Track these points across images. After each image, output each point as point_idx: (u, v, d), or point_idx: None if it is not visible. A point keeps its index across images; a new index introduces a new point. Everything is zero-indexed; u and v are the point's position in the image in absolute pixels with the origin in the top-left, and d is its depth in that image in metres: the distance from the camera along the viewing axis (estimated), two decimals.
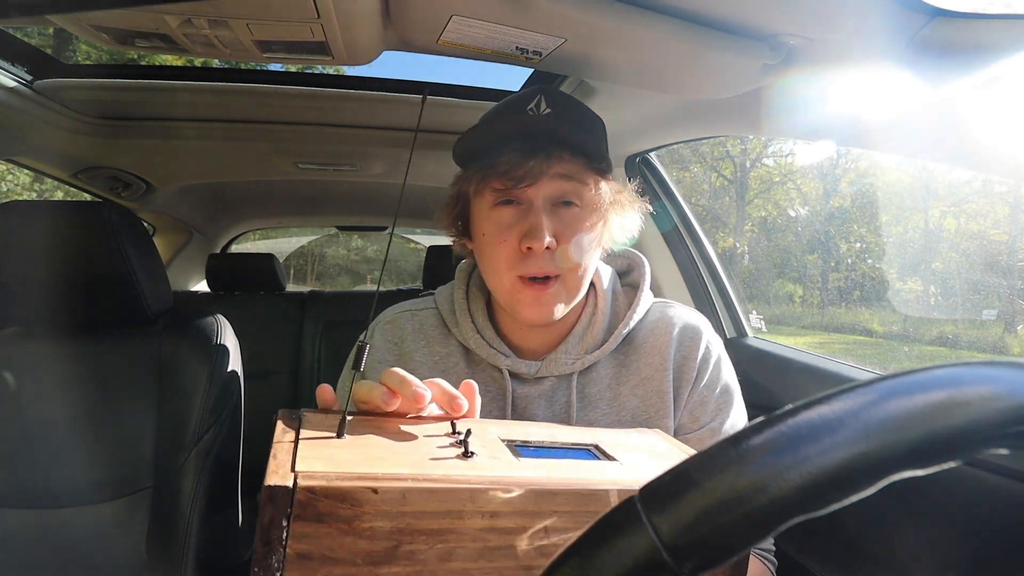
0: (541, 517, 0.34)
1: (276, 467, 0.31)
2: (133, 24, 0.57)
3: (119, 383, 0.90)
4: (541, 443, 0.43)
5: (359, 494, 0.30)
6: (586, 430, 0.49)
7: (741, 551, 0.20)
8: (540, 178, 0.61)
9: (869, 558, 0.79)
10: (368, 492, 0.30)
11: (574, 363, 0.67)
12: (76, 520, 0.85)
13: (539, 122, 0.62)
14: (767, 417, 0.22)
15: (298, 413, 0.40)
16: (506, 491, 0.33)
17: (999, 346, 2.04)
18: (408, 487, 0.31)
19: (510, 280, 0.63)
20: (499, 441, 0.41)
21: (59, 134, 1.19)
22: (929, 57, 0.56)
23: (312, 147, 1.40)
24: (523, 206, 0.63)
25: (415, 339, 0.71)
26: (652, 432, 0.52)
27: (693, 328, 0.69)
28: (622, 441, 0.46)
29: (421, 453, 0.36)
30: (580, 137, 0.62)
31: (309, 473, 0.30)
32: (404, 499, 0.31)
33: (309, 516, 0.30)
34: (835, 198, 4.89)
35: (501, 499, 0.33)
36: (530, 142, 0.61)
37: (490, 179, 0.63)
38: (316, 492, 0.30)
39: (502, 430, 0.44)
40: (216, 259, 2.07)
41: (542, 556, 0.34)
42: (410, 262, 7.51)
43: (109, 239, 0.86)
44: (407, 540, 0.31)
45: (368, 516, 0.30)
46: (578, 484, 0.35)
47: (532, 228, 0.61)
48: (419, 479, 0.32)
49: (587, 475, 0.37)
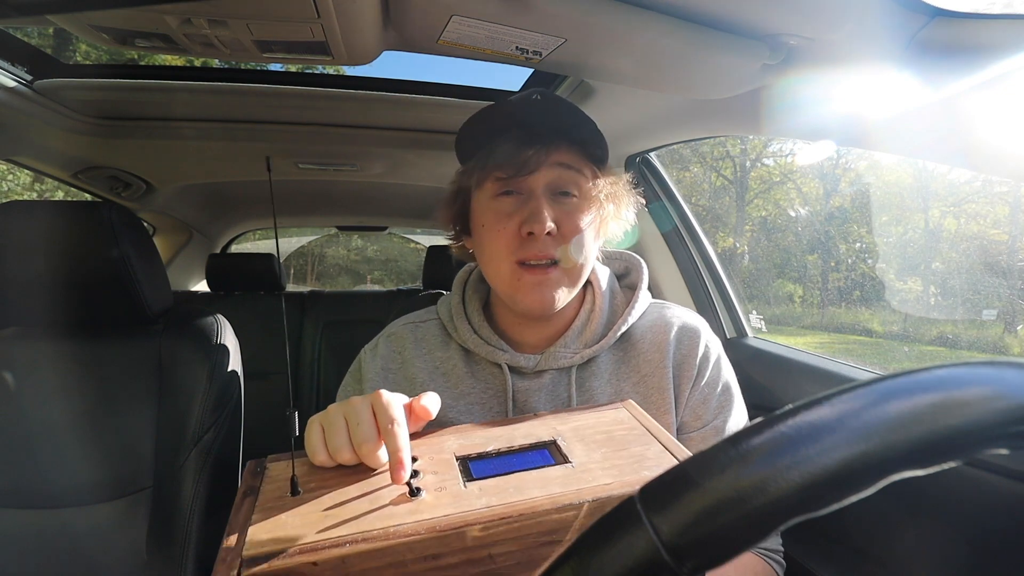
0: (482, 548, 0.36)
1: (224, 554, 0.34)
2: (133, 24, 0.57)
3: (119, 383, 0.90)
4: (498, 451, 0.44)
5: (302, 568, 0.33)
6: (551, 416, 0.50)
7: (741, 551, 0.20)
8: (540, 166, 0.62)
9: (869, 558, 0.79)
10: (309, 566, 0.33)
11: (573, 356, 0.68)
12: (76, 520, 0.85)
13: (536, 113, 0.64)
14: (767, 417, 0.22)
15: (263, 464, 0.43)
16: (442, 536, 0.35)
17: (999, 346, 2.05)
18: (347, 552, 0.33)
19: (509, 266, 0.64)
20: (452, 461, 0.43)
21: (59, 134, 1.19)
22: (929, 57, 0.56)
23: (312, 147, 1.40)
24: (523, 195, 0.64)
25: (416, 348, 0.72)
26: (622, 405, 0.53)
27: (692, 328, 0.70)
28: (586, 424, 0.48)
29: (370, 499, 0.38)
30: (576, 127, 0.63)
31: (253, 556, 0.33)
32: (344, 563, 0.33)
33: None
34: (835, 198, 4.89)
35: (439, 544, 0.35)
36: (528, 132, 0.62)
37: (490, 170, 0.64)
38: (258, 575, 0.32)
39: (459, 442, 0.46)
40: (216, 259, 2.07)
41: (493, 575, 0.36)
42: (410, 262, 7.51)
43: (109, 239, 0.86)
44: None
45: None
46: (516, 513, 0.36)
47: (533, 213, 0.62)
48: (357, 540, 0.34)
49: (529, 495, 0.38)
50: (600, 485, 0.39)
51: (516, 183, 0.63)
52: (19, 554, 0.82)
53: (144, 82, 1.09)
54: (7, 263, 0.85)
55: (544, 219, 0.61)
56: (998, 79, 0.54)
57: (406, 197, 1.98)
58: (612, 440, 0.46)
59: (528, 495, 0.38)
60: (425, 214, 2.33)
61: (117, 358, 0.92)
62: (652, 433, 0.47)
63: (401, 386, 0.69)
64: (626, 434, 0.47)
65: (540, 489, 0.39)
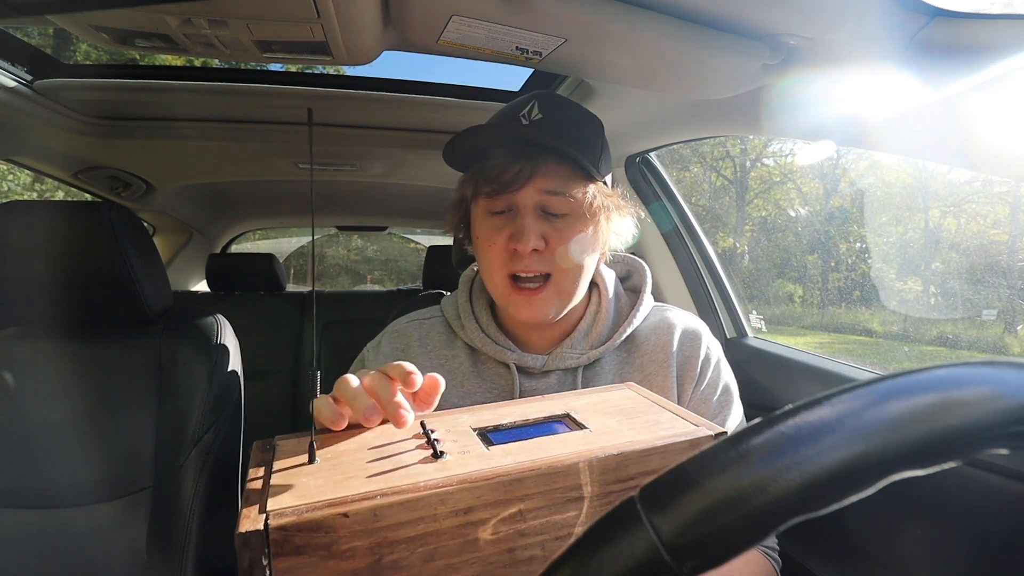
0: (513, 503, 0.35)
1: (247, 512, 0.32)
2: (133, 24, 0.57)
3: (119, 383, 0.90)
4: (513, 423, 0.44)
5: (331, 521, 0.31)
6: (558, 398, 0.51)
7: (741, 551, 0.20)
8: (526, 183, 0.63)
9: (869, 558, 0.79)
10: (340, 518, 0.31)
11: (579, 357, 0.69)
12: (76, 520, 0.85)
13: (527, 129, 0.64)
14: (767, 417, 0.22)
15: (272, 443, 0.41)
16: (474, 487, 0.34)
17: (999, 346, 2.05)
18: (378, 504, 0.32)
19: (501, 279, 0.65)
20: (470, 431, 0.42)
21: (59, 134, 1.19)
22: (929, 57, 0.56)
23: (312, 147, 1.40)
24: (511, 212, 0.65)
25: (421, 346, 0.73)
26: (624, 386, 0.53)
27: (693, 331, 0.72)
28: (594, 403, 0.48)
29: (392, 462, 0.37)
30: (565, 144, 0.62)
31: (279, 511, 0.31)
32: (376, 516, 0.32)
33: (287, 552, 0.31)
34: (835, 198, 4.89)
35: (471, 496, 0.34)
36: (517, 148, 0.63)
37: (480, 184, 0.65)
38: (289, 528, 0.31)
39: (473, 418, 0.45)
40: (216, 259, 2.07)
41: (522, 536, 0.35)
42: (410, 262, 7.52)
43: (109, 239, 0.86)
44: (388, 551, 0.32)
45: (345, 539, 0.32)
46: (544, 465, 0.36)
47: (518, 231, 0.63)
48: (388, 494, 0.33)
49: (554, 452, 0.38)
50: (624, 441, 0.40)
51: (505, 199, 0.64)
52: (19, 554, 0.82)
53: (144, 82, 1.09)
54: (7, 263, 0.85)
55: (528, 239, 0.61)
56: (998, 79, 0.54)
57: (406, 197, 1.98)
58: (624, 411, 0.46)
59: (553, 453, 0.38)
60: (425, 214, 2.33)
61: (117, 358, 0.92)
62: (660, 405, 0.48)
63: None
64: (636, 406, 0.48)
65: (563, 448, 0.39)
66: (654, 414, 0.45)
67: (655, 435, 0.41)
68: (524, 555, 0.36)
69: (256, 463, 0.38)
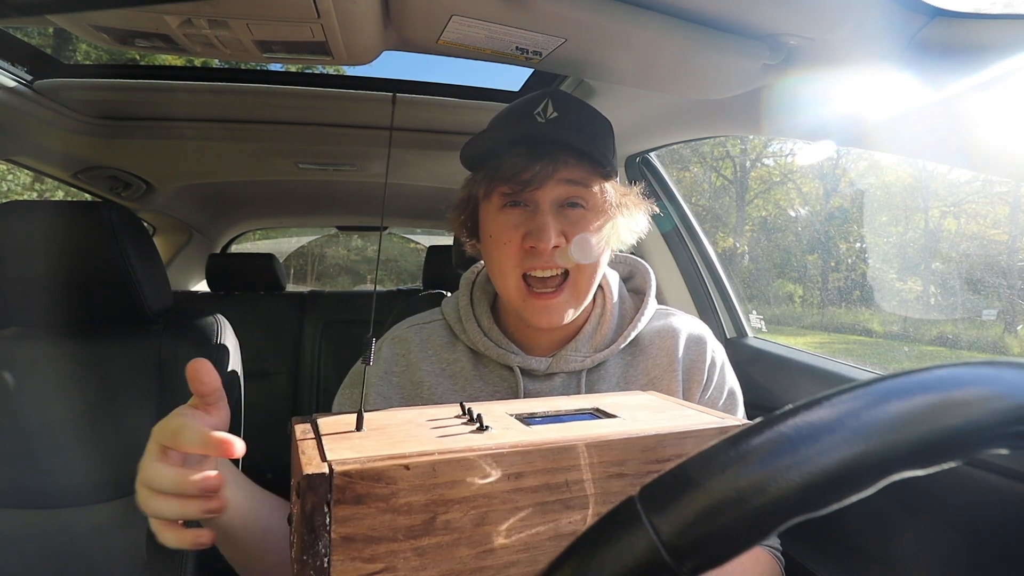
0: (560, 472, 0.36)
1: (308, 460, 0.32)
2: (133, 24, 0.57)
3: (119, 383, 0.90)
4: (546, 413, 0.46)
5: (393, 472, 0.32)
6: (583, 397, 0.52)
7: (741, 551, 0.20)
8: (546, 182, 0.62)
9: (869, 558, 0.79)
10: (401, 469, 0.32)
11: (584, 360, 0.68)
12: (76, 520, 0.85)
13: (545, 127, 0.63)
14: (767, 417, 0.22)
15: (310, 417, 0.42)
16: (526, 451, 0.35)
17: (999, 346, 2.05)
18: (437, 460, 0.33)
19: (516, 280, 0.64)
20: (508, 416, 0.44)
21: (59, 134, 1.19)
22: (929, 57, 0.56)
23: (312, 147, 1.40)
24: (530, 208, 0.64)
25: (422, 350, 0.72)
26: (646, 393, 0.55)
27: (698, 335, 0.72)
28: (620, 402, 0.50)
29: (440, 433, 0.38)
30: (585, 142, 0.62)
31: (341, 460, 0.32)
32: (434, 472, 0.33)
33: (348, 499, 0.31)
34: (835, 198, 4.89)
35: (522, 460, 0.35)
36: (536, 147, 0.62)
37: (497, 183, 0.64)
38: (352, 475, 0.31)
39: (507, 408, 0.47)
40: (216, 259, 2.07)
41: (567, 509, 0.36)
42: (410, 262, 7.51)
43: (109, 239, 0.86)
44: (442, 510, 0.33)
45: (403, 492, 0.32)
46: (592, 436, 0.38)
47: (538, 228, 0.62)
48: (445, 452, 0.34)
49: (596, 430, 0.39)
50: (659, 426, 0.41)
51: (523, 196, 0.63)
52: (19, 554, 0.82)
53: (144, 82, 1.09)
54: (7, 263, 0.85)
55: (548, 235, 0.61)
56: (998, 79, 0.54)
57: (406, 197, 1.98)
58: (649, 408, 0.48)
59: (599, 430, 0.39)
60: (425, 214, 2.32)
61: (117, 358, 0.92)
62: (683, 404, 0.49)
63: (405, 389, 0.69)
64: (660, 404, 0.49)
65: (604, 428, 0.40)
66: (680, 409, 0.47)
67: (687, 422, 0.42)
68: (568, 529, 0.37)
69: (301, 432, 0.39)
